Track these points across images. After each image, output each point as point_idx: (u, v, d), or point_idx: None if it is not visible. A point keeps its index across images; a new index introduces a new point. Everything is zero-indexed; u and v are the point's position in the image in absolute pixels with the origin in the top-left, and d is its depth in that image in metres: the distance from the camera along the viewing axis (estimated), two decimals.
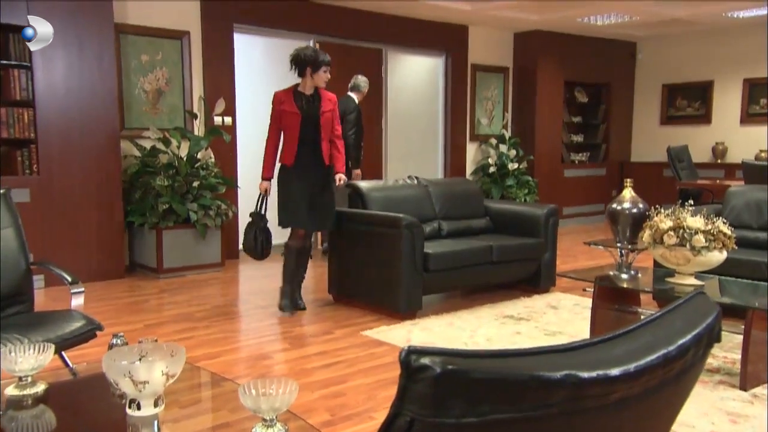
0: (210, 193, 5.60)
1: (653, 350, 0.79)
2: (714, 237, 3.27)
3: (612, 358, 0.76)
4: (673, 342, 0.81)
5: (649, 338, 0.81)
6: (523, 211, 5.20)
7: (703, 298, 0.94)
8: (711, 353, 3.32)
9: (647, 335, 0.82)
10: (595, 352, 0.76)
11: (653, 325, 0.84)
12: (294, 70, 4.23)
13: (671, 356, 0.80)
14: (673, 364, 0.81)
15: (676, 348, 0.81)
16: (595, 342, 0.77)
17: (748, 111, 8.52)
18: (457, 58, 8.04)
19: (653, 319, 0.86)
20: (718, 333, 0.91)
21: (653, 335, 0.82)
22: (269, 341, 3.83)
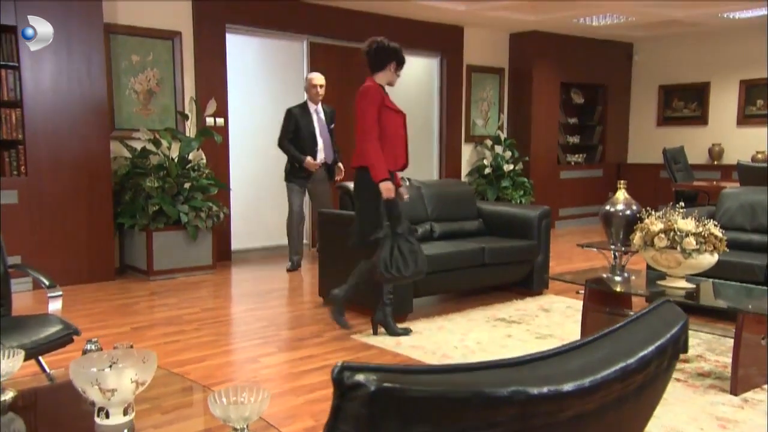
0: (201, 194, 5.56)
1: (611, 363, 0.75)
2: (705, 239, 3.23)
3: (566, 372, 0.72)
4: (634, 354, 0.77)
5: (607, 350, 0.77)
6: (516, 213, 5.16)
7: (669, 306, 0.90)
8: (702, 356, 3.31)
9: (606, 347, 0.78)
10: (548, 365, 0.72)
11: (614, 336, 0.80)
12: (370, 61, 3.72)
13: (631, 369, 0.76)
14: (633, 378, 0.77)
15: (636, 360, 0.77)
16: (549, 355, 0.73)
17: (744, 112, 8.48)
18: (453, 59, 8.00)
19: (615, 329, 0.82)
20: (685, 343, 0.87)
21: (613, 347, 0.78)
22: (257, 345, 3.79)
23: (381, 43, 3.76)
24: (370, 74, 3.86)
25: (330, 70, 6.96)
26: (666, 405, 2.86)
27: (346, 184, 4.82)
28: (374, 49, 3.76)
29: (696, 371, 3.30)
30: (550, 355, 0.74)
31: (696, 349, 3.65)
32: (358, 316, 4.29)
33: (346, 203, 4.72)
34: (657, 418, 2.73)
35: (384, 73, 3.80)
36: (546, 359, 0.73)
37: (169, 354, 3.52)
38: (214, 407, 1.53)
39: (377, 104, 3.70)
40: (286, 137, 5.59)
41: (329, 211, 4.95)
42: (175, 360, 3.41)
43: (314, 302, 4.68)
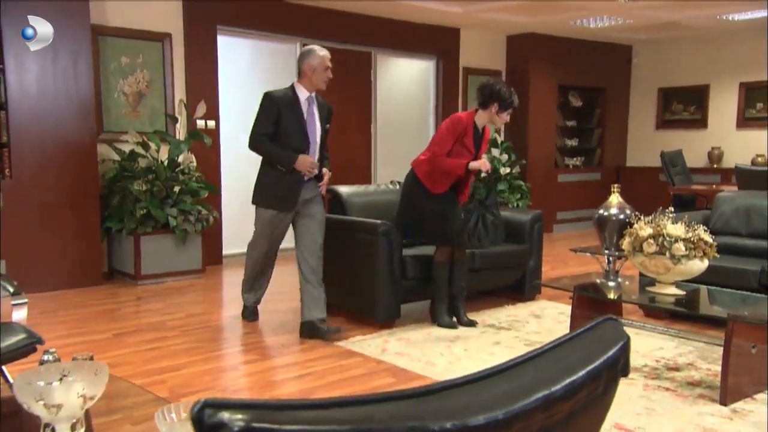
0: (191, 198, 5.50)
1: (533, 391, 0.68)
2: (694, 245, 3.15)
3: (478, 403, 0.64)
4: (560, 380, 0.70)
5: (530, 376, 0.70)
6: (508, 217, 5.06)
7: (611, 325, 0.82)
8: (693, 365, 3.22)
9: (530, 372, 0.71)
10: (459, 395, 0.65)
11: (541, 360, 0.73)
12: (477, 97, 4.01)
13: (556, 397, 0.69)
14: (558, 407, 0.70)
15: (562, 388, 0.70)
16: (462, 382, 0.66)
17: (744, 115, 8.39)
18: (448, 61, 7.94)
19: (544, 350, 0.74)
20: (625, 365, 0.80)
21: (538, 372, 0.71)
22: (239, 352, 3.72)
23: (487, 83, 4.01)
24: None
25: None
26: (653, 416, 2.78)
27: (335, 187, 4.75)
28: (481, 87, 4.03)
29: (686, 380, 3.22)
30: (465, 382, 0.66)
31: (687, 357, 3.57)
32: (345, 321, 4.21)
33: (336, 207, 4.65)
34: (642, 429, 2.65)
35: (485, 112, 4.00)
36: (458, 387, 0.66)
37: (148, 361, 3.45)
38: (161, 424, 1.46)
39: (455, 135, 3.93)
40: (264, 133, 3.83)
41: None
42: (152, 368, 3.35)
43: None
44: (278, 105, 3.85)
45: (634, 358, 3.56)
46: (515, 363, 0.71)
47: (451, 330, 4.10)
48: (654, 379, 3.23)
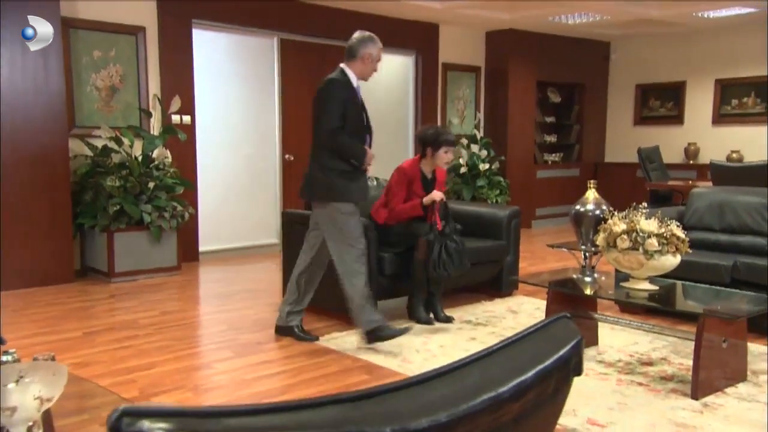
0: (166, 193, 5.43)
1: (479, 393, 0.66)
2: (667, 241, 3.16)
3: (420, 407, 0.62)
4: (508, 381, 0.68)
5: (477, 377, 0.68)
6: (485, 213, 5.08)
7: (564, 323, 0.81)
8: (666, 359, 3.24)
9: (476, 373, 0.68)
10: (399, 399, 0.63)
11: (489, 360, 0.71)
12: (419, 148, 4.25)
13: (504, 399, 0.67)
14: (506, 408, 0.68)
15: (510, 389, 0.68)
16: (402, 386, 0.63)
17: (719, 112, 8.48)
18: (428, 57, 7.92)
19: (492, 351, 0.72)
20: (578, 365, 0.78)
21: (484, 373, 0.69)
22: (213, 350, 3.68)
23: (418, 134, 4.35)
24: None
25: (302, 69, 6.86)
26: (625, 411, 2.79)
27: None
28: (416, 138, 4.37)
29: (659, 375, 3.24)
30: (408, 385, 0.64)
31: (660, 352, 3.59)
32: (320, 319, 4.19)
33: None
34: (614, 424, 2.66)
35: (426, 159, 4.22)
36: (401, 390, 0.64)
37: (118, 360, 3.39)
38: None
39: (405, 184, 4.15)
40: (340, 126, 3.49)
41: (294, 211, 4.84)
42: (123, 367, 3.29)
43: (277, 304, 4.53)
44: (345, 94, 3.54)
45: (609, 353, 3.58)
46: (462, 364, 0.69)
47: (428, 326, 4.09)
48: (627, 374, 3.24)
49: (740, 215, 4.34)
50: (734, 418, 2.71)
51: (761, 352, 3.54)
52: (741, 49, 8.19)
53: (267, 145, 6.72)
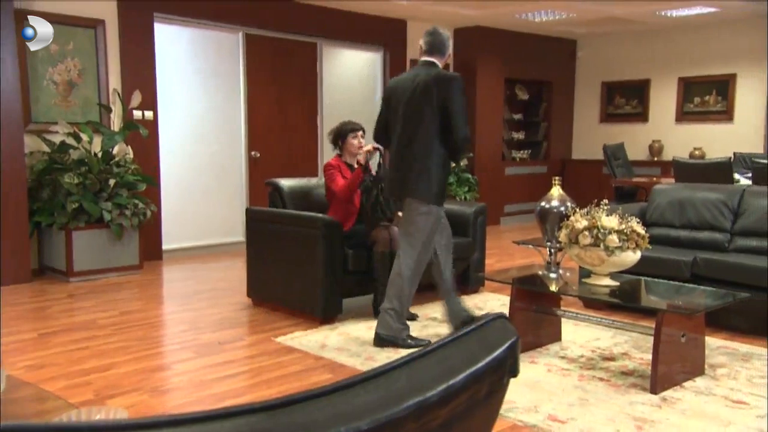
0: (127, 191, 5.30)
1: (404, 398, 0.63)
2: (627, 237, 3.19)
3: (339, 414, 0.59)
4: (436, 386, 0.65)
5: (404, 382, 0.65)
6: (452, 210, 5.04)
7: (500, 323, 0.78)
8: (627, 354, 3.27)
9: (403, 378, 0.66)
10: (318, 407, 0.59)
11: (418, 364, 0.68)
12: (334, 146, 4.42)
13: (430, 404, 0.64)
14: (434, 413, 0.65)
15: (438, 393, 0.65)
16: (322, 392, 0.60)
17: (683, 109, 8.63)
18: (396, 53, 7.89)
19: (422, 354, 0.70)
20: (513, 366, 0.76)
21: (412, 377, 0.66)
22: (173, 350, 3.60)
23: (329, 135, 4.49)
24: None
25: (268, 64, 6.77)
26: (586, 406, 2.81)
27: (276, 180, 4.66)
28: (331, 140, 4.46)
29: (620, 370, 3.27)
30: (328, 392, 0.61)
31: (622, 347, 3.63)
32: (285, 318, 4.13)
33: (276, 200, 4.56)
34: (574, 420, 2.67)
35: (344, 152, 4.35)
36: (321, 397, 0.60)
37: (74, 362, 3.30)
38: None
39: (336, 170, 4.27)
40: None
41: (258, 208, 4.78)
42: (78, 369, 3.20)
43: (241, 303, 4.50)
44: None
45: (572, 348, 3.60)
46: (388, 369, 0.66)
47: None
48: (589, 370, 3.26)
49: (700, 211, 4.41)
50: (691, 411, 2.74)
51: (719, 346, 3.61)
52: (703, 47, 8.34)
53: (232, 141, 6.62)
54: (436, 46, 3.50)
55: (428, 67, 3.47)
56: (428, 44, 3.50)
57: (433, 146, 3.38)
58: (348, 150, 4.31)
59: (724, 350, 3.55)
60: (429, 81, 3.36)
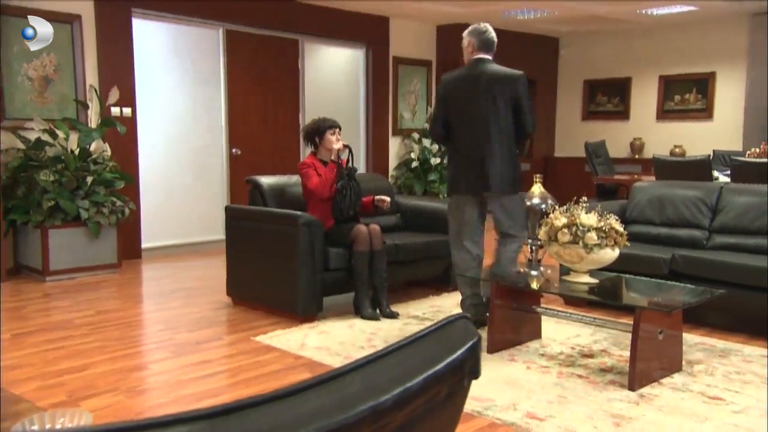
0: (105, 189, 5.23)
1: (356, 403, 0.61)
2: (606, 234, 3.20)
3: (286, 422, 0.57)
4: (391, 389, 0.63)
5: (357, 386, 0.63)
6: (433, 207, 5.07)
7: (462, 324, 0.76)
8: (606, 351, 3.28)
9: (357, 381, 0.63)
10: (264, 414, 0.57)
11: (373, 366, 0.66)
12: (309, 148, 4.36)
13: (384, 408, 0.62)
14: (389, 418, 0.63)
15: (393, 397, 0.63)
16: (268, 399, 0.58)
17: (663, 107, 8.70)
18: (378, 50, 7.86)
19: (378, 357, 0.68)
20: (474, 367, 0.74)
21: (366, 381, 0.64)
22: (150, 350, 3.55)
23: (303, 132, 4.45)
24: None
25: (249, 61, 6.72)
26: (564, 403, 2.81)
27: (256, 178, 4.61)
28: (303, 137, 4.43)
29: (599, 367, 3.28)
30: (274, 398, 0.58)
31: (601, 344, 3.64)
32: (265, 317, 4.10)
33: (256, 198, 4.52)
34: (553, 417, 2.67)
35: (320, 150, 4.27)
36: (267, 404, 0.58)
37: (49, 363, 3.24)
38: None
39: (312, 168, 4.18)
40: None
41: (237, 206, 4.74)
42: (52, 369, 3.14)
43: (220, 302, 4.45)
44: None
45: (552, 346, 3.60)
46: (341, 372, 0.64)
47: (374, 322, 4.05)
48: (568, 367, 3.27)
49: (679, 209, 4.44)
50: (668, 408, 2.76)
51: (697, 342, 3.63)
52: (683, 46, 8.41)
53: (213, 139, 6.56)
54: (489, 43, 3.72)
55: (486, 63, 3.67)
56: (482, 42, 3.70)
57: (511, 140, 3.70)
58: (325, 146, 4.27)
59: (701, 346, 3.58)
60: (499, 77, 3.62)
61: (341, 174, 4.17)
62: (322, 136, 4.26)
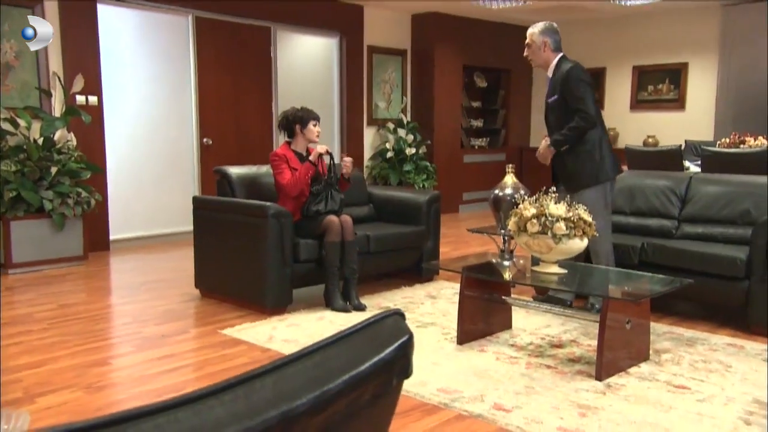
0: (70, 179, 5.10)
1: (262, 411, 0.56)
2: (574, 224, 3.18)
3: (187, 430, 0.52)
4: (305, 394, 0.59)
5: (268, 392, 0.58)
6: (405, 198, 5.03)
7: (393, 321, 0.72)
8: (575, 341, 3.28)
9: (268, 387, 0.59)
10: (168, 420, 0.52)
11: (288, 369, 0.61)
12: (285, 135, 4.27)
13: (296, 415, 0.58)
14: (303, 424, 0.58)
15: (307, 402, 0.58)
16: (159, 409, 0.53)
17: (637, 98, 8.74)
18: (352, 39, 7.77)
19: (295, 358, 0.63)
20: (404, 367, 0.70)
21: (280, 385, 0.59)
22: (113, 344, 3.47)
23: (280, 118, 4.31)
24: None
25: (219, 49, 6.59)
26: (532, 394, 2.80)
27: (224, 168, 4.53)
28: (279, 124, 4.31)
29: (567, 357, 3.27)
30: (169, 407, 0.53)
31: (571, 333, 3.64)
32: (233, 310, 4.03)
33: (225, 189, 4.43)
34: (520, 408, 2.65)
35: (297, 138, 4.20)
36: (168, 411, 0.53)
37: (5, 358, 3.14)
38: None
39: (283, 161, 4.11)
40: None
41: (205, 197, 4.65)
42: (9, 366, 3.05)
43: (189, 295, 4.37)
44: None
45: (522, 336, 3.59)
46: (250, 376, 0.59)
47: (344, 314, 4.01)
48: (537, 357, 3.26)
49: (649, 198, 4.46)
50: (634, 397, 2.76)
51: (665, 332, 3.65)
52: (656, 36, 8.45)
53: (183, 128, 6.43)
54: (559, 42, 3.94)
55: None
56: (556, 42, 3.89)
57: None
58: (306, 137, 4.17)
59: (669, 335, 3.60)
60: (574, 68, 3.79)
61: (319, 180, 4.10)
62: (304, 126, 4.16)
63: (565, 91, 3.70)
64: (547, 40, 3.75)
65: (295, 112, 4.21)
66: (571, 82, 3.66)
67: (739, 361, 3.21)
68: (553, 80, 3.79)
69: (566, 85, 3.68)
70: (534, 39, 3.84)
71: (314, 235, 4.07)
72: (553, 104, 3.83)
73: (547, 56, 3.81)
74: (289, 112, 4.24)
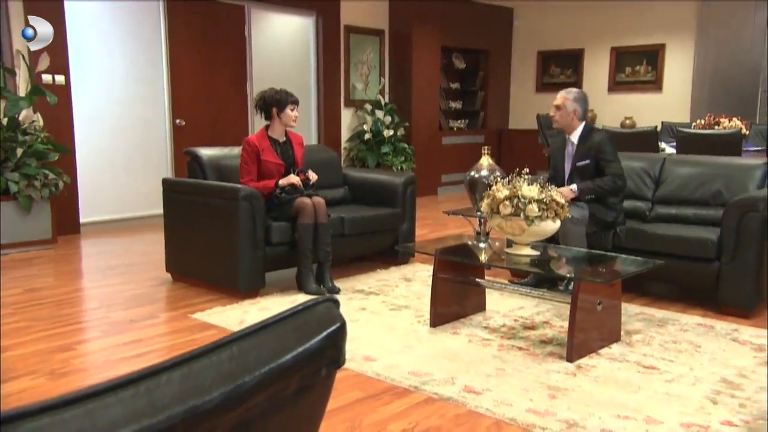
0: (36, 160, 4.96)
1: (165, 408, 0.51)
2: (547, 206, 3.17)
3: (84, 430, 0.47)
4: (216, 388, 0.54)
5: (175, 387, 0.53)
6: (381, 180, 4.97)
7: (325, 307, 0.68)
8: (548, 323, 3.27)
9: (175, 382, 0.54)
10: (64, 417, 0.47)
11: (199, 362, 0.57)
12: (261, 116, 4.16)
13: (205, 411, 0.53)
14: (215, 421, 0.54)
15: (217, 397, 0.54)
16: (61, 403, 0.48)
17: (615, 79, 8.74)
18: (329, 18, 7.64)
19: (209, 350, 0.58)
20: (335, 356, 0.65)
21: (187, 381, 0.54)
22: (79, 329, 3.40)
23: (257, 98, 4.15)
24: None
25: (192, 27, 6.44)
26: (502, 376, 2.79)
27: (195, 150, 4.44)
28: (256, 105, 4.16)
29: (539, 339, 3.27)
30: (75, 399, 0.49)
31: (544, 315, 3.64)
32: (205, 293, 3.97)
33: (195, 171, 4.35)
34: (490, 390, 2.64)
35: (273, 122, 4.10)
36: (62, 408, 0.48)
37: None
38: None
39: (252, 157, 4.02)
40: None
41: (175, 179, 4.56)
42: None
43: (160, 279, 4.30)
44: None
45: (495, 318, 3.58)
46: (154, 371, 0.54)
47: (318, 297, 3.97)
48: (509, 339, 3.25)
49: None
50: (604, 378, 2.76)
51: (637, 313, 3.66)
52: (635, 18, 8.44)
53: (155, 109, 6.30)
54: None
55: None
56: (585, 111, 4.04)
57: None
58: (283, 121, 4.08)
59: (641, 316, 3.61)
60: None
61: (292, 187, 4.02)
62: (282, 110, 4.05)
63: (600, 158, 3.92)
64: (578, 108, 3.96)
65: (273, 94, 4.07)
66: (606, 148, 3.93)
67: (708, 341, 3.23)
68: (584, 147, 3.97)
69: (601, 152, 3.92)
70: (566, 105, 3.98)
71: (287, 217, 4.01)
72: (583, 167, 3.98)
73: (575, 123, 4.00)
74: (266, 93, 4.10)
